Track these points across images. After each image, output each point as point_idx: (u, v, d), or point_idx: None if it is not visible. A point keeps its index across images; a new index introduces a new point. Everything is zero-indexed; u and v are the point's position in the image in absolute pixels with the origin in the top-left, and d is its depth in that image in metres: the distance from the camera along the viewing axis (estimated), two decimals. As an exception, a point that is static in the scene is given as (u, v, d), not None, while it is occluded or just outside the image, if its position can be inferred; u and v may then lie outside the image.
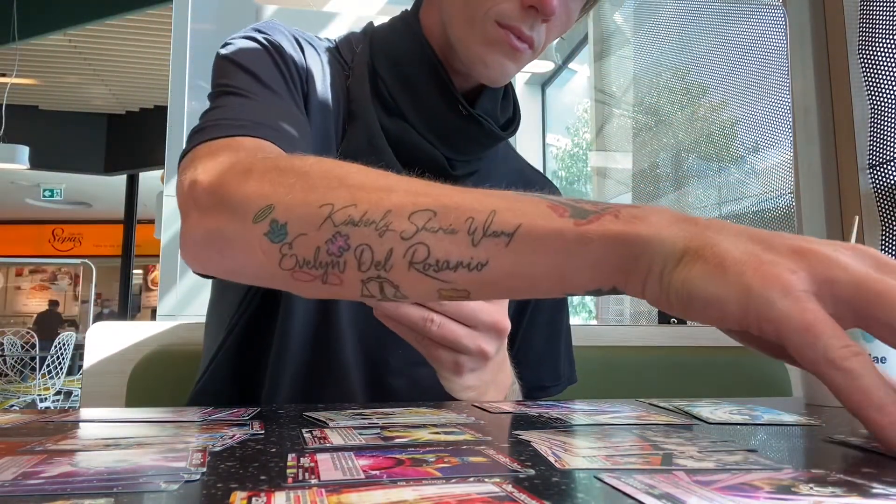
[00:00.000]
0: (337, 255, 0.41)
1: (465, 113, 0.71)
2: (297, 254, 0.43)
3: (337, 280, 0.42)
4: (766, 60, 1.95)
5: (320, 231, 0.42)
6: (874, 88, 1.56)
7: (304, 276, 0.43)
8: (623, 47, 3.12)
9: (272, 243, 0.44)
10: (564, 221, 0.39)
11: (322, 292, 0.44)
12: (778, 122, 1.89)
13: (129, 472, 0.31)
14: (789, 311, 0.33)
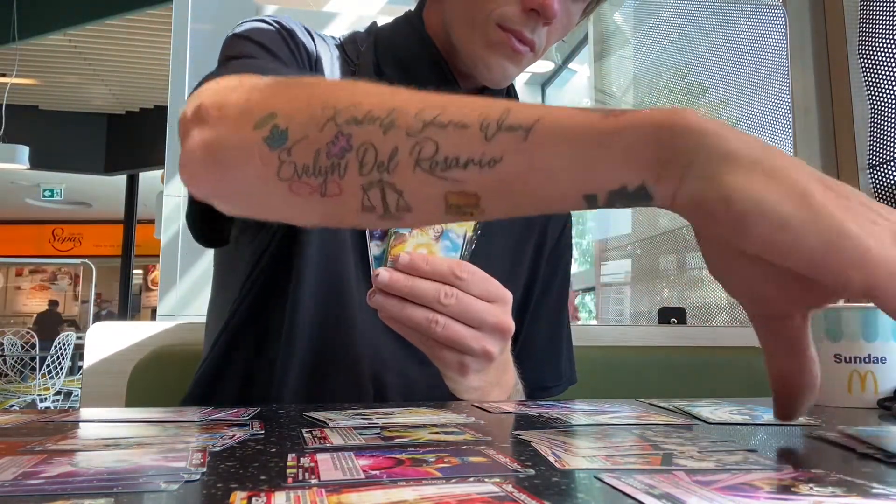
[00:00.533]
0: (339, 156, 0.39)
1: None
2: (297, 160, 0.40)
3: (336, 189, 0.39)
4: (766, 60, 1.95)
5: (322, 132, 0.40)
6: (874, 88, 1.56)
7: (302, 189, 0.41)
8: (623, 47, 3.12)
9: (271, 150, 0.41)
10: (590, 115, 0.35)
11: (319, 210, 0.42)
12: (778, 122, 1.89)
13: (129, 472, 0.31)
14: (890, 258, 0.30)
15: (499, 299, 0.57)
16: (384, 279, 0.53)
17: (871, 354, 0.65)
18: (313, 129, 0.40)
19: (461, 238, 0.57)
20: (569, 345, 0.87)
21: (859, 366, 0.65)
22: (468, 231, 0.58)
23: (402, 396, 0.71)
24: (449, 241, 0.57)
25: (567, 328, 0.87)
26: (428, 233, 0.56)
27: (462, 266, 0.55)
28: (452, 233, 0.57)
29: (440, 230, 0.57)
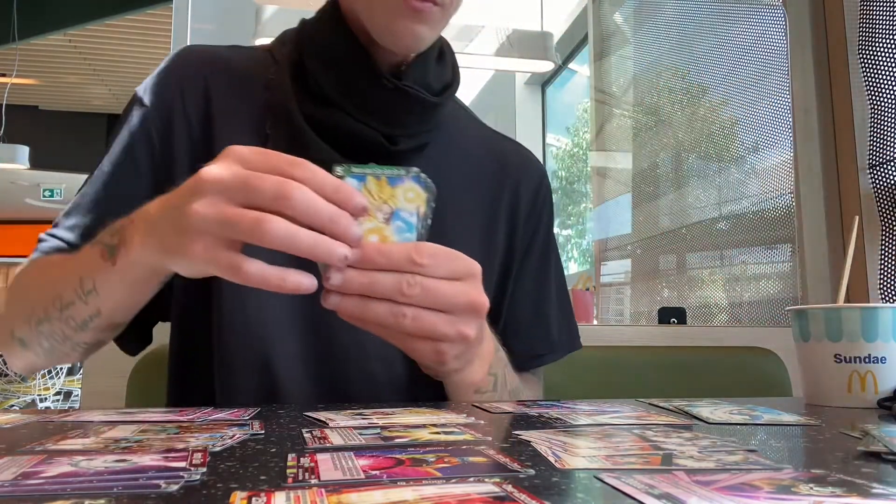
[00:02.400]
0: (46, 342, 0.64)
1: (392, 86, 0.69)
2: (35, 351, 0.66)
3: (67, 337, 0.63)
4: (766, 60, 1.95)
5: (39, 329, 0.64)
6: (874, 88, 1.56)
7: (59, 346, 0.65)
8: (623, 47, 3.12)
9: (25, 348, 0.67)
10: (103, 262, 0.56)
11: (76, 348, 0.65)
12: (778, 122, 1.89)
13: (129, 472, 0.31)
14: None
15: (467, 275, 0.55)
16: (337, 281, 0.50)
17: (871, 354, 0.65)
18: (35, 333, 0.64)
19: (414, 215, 0.52)
20: (562, 310, 0.85)
21: (859, 366, 0.65)
22: (421, 206, 0.52)
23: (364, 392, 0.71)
24: (401, 221, 0.52)
25: (557, 294, 0.85)
26: (376, 216, 0.51)
27: (420, 249, 0.51)
28: (404, 212, 0.52)
29: (389, 210, 0.52)
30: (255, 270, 0.46)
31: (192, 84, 0.73)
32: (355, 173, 0.51)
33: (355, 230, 0.48)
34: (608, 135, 3.31)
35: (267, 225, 0.45)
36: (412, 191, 0.52)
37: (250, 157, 0.48)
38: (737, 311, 2.14)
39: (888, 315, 0.65)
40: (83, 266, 0.59)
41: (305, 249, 0.46)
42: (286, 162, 0.47)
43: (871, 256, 1.51)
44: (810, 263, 1.64)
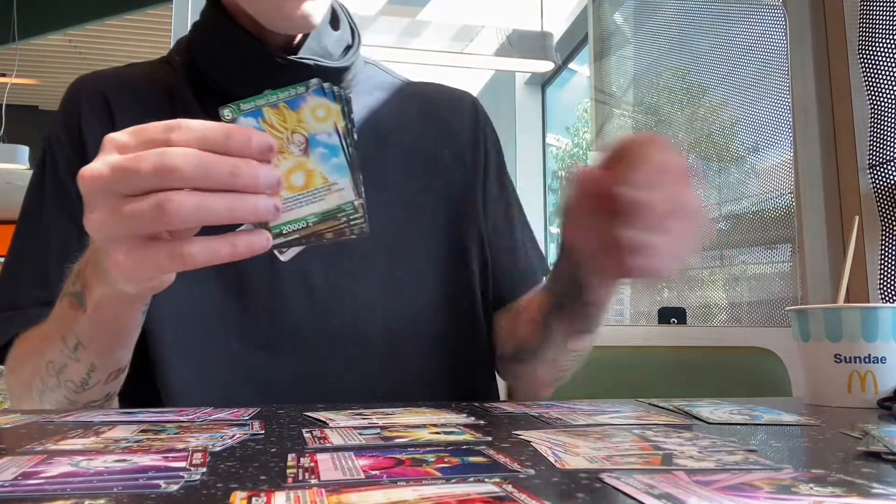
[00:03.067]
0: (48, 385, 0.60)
1: (286, 62, 0.67)
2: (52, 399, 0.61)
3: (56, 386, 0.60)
4: (766, 60, 1.95)
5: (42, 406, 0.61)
6: (874, 88, 1.56)
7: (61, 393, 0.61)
8: (623, 47, 3.12)
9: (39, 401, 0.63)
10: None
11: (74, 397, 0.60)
12: (778, 122, 1.89)
13: (129, 472, 0.31)
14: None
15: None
16: None
17: (870, 354, 0.65)
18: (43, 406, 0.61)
19: (334, 135, 0.45)
20: (529, 234, 0.85)
21: (859, 366, 0.65)
22: (338, 122, 0.45)
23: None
24: (322, 146, 0.45)
25: (521, 216, 0.85)
26: (291, 151, 0.45)
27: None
28: (320, 135, 0.45)
29: (303, 139, 0.45)
30: (200, 249, 0.42)
31: (94, 109, 0.71)
32: (247, 110, 0.44)
33: (268, 173, 0.42)
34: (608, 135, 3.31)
35: (168, 205, 0.39)
36: (321, 107, 0.45)
37: (124, 140, 0.42)
38: (737, 311, 2.14)
39: (888, 315, 0.65)
40: (61, 323, 0.56)
41: (225, 214, 0.41)
42: (161, 129, 0.42)
43: (871, 256, 1.51)
44: (810, 263, 1.64)
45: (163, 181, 0.40)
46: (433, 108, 0.82)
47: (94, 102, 0.72)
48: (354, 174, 0.46)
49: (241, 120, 0.44)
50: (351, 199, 0.46)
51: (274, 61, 0.67)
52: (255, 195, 0.41)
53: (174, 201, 0.39)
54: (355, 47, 0.75)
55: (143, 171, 0.40)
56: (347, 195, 0.45)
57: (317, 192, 0.45)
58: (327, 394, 0.67)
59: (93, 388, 0.58)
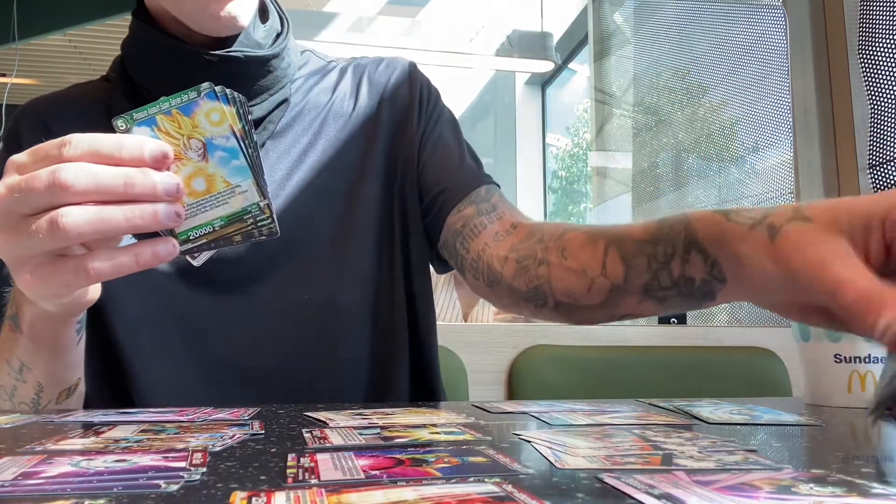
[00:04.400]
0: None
1: (216, 59, 0.66)
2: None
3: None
4: (766, 60, 1.95)
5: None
6: (874, 88, 1.56)
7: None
8: (623, 47, 3.12)
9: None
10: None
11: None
12: (778, 122, 1.89)
13: (129, 472, 0.31)
14: None
15: None
16: None
17: (871, 354, 0.65)
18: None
19: (231, 137, 0.45)
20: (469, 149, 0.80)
21: (859, 366, 0.65)
22: (234, 124, 0.44)
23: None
24: (220, 150, 0.45)
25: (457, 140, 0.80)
26: (190, 157, 0.44)
27: None
28: (217, 138, 0.44)
29: (200, 144, 0.44)
30: (103, 263, 0.42)
31: (35, 137, 0.71)
32: (140, 119, 0.44)
33: (165, 180, 0.42)
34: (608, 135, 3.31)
35: (61, 220, 0.39)
36: (215, 111, 0.45)
37: (23, 161, 0.42)
38: (737, 311, 2.14)
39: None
40: (4, 347, 0.56)
41: (124, 225, 0.41)
42: (55, 146, 0.42)
43: (871, 256, 1.51)
44: (810, 263, 1.63)
45: (57, 198, 0.40)
46: (367, 75, 0.81)
47: (34, 124, 0.72)
48: (257, 175, 0.46)
49: (136, 129, 0.44)
50: (256, 201, 0.46)
51: (202, 59, 0.66)
52: (154, 203, 0.41)
53: (69, 216, 0.40)
54: (284, 34, 0.74)
55: (36, 190, 0.40)
56: (251, 197, 0.46)
57: (220, 196, 0.45)
58: (300, 378, 0.69)
59: (46, 407, 0.59)
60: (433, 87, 0.82)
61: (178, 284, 0.68)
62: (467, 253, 0.69)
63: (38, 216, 0.40)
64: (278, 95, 0.72)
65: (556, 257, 0.59)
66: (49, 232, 0.40)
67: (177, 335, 0.68)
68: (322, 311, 0.70)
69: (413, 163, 0.77)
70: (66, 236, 0.40)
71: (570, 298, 0.58)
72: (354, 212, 0.74)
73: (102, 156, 0.41)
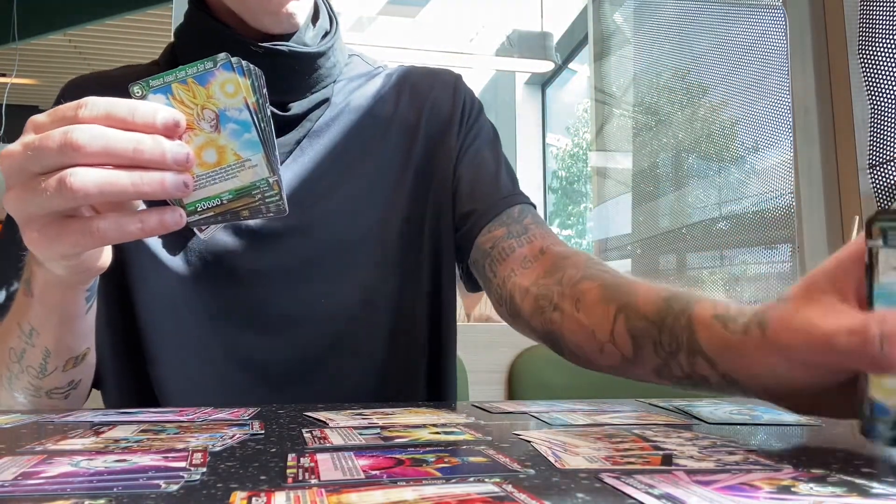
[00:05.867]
0: (25, 400, 0.61)
1: (262, 50, 0.66)
2: (23, 411, 0.57)
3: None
4: (766, 60, 1.95)
5: (10, 396, 0.61)
6: (874, 88, 1.56)
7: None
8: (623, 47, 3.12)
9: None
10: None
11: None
12: (778, 122, 1.89)
13: (129, 472, 0.31)
14: None
15: None
16: None
17: (871, 354, 0.65)
18: (11, 396, 0.60)
19: (245, 110, 0.44)
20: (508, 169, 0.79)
21: (859, 366, 0.65)
22: (248, 97, 0.44)
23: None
24: (233, 122, 0.44)
25: (497, 158, 0.79)
26: (203, 128, 0.44)
27: None
28: (230, 110, 0.44)
29: (213, 115, 0.44)
30: (109, 225, 0.42)
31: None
32: (156, 86, 0.44)
33: (174, 148, 0.42)
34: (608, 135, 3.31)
35: (70, 178, 0.40)
36: (230, 82, 0.44)
37: (41, 120, 0.43)
38: (737, 311, 2.14)
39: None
40: (18, 311, 0.57)
41: (130, 190, 0.41)
42: (72, 107, 0.42)
43: (871, 256, 1.51)
44: (810, 263, 1.64)
45: (68, 158, 0.40)
46: (411, 84, 0.81)
47: (78, 96, 0.73)
48: (268, 151, 0.45)
49: (151, 96, 0.44)
50: (265, 177, 0.45)
51: (248, 48, 0.67)
52: (162, 171, 0.42)
53: (76, 176, 0.40)
54: (332, 33, 0.74)
55: (49, 149, 0.41)
56: (261, 172, 0.45)
57: (230, 169, 0.45)
58: (318, 376, 0.70)
59: (51, 374, 0.59)
60: (476, 101, 0.83)
61: (206, 275, 0.69)
62: (494, 277, 0.70)
63: (48, 175, 0.41)
64: (319, 94, 0.73)
65: (570, 307, 0.58)
66: (57, 190, 0.40)
67: (198, 326, 0.69)
68: (350, 313, 0.71)
69: (449, 176, 0.77)
70: (72, 196, 0.40)
71: (582, 354, 0.58)
72: (389, 218, 0.74)
73: (116, 120, 0.41)
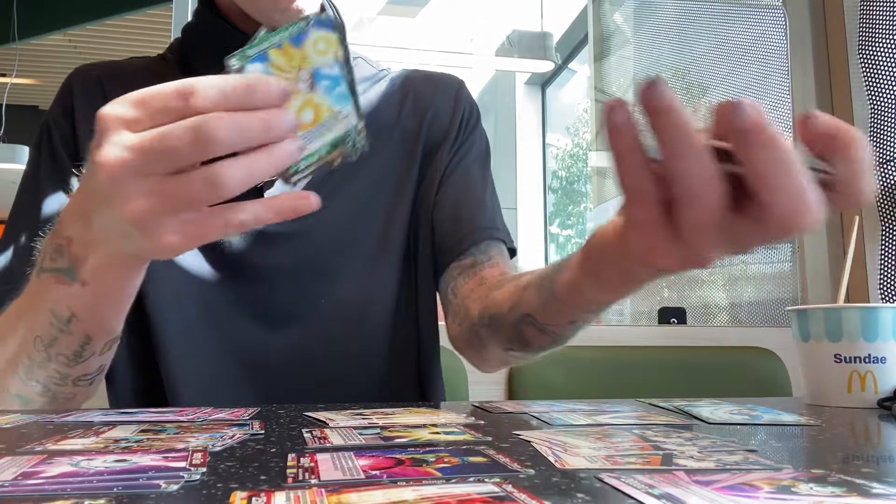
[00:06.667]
0: (45, 389, 0.57)
1: None
2: (40, 402, 0.57)
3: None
4: (766, 60, 1.95)
5: (28, 385, 0.57)
6: (874, 88, 1.56)
7: (60, 405, 0.58)
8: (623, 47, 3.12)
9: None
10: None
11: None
12: (778, 122, 1.89)
13: (129, 472, 0.31)
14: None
15: None
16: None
17: (871, 354, 0.65)
18: (29, 384, 0.57)
19: (336, 66, 0.44)
20: (495, 202, 0.80)
21: (859, 366, 0.65)
22: (337, 51, 0.44)
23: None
24: (325, 79, 0.44)
25: (486, 187, 0.80)
26: (300, 89, 0.44)
27: None
28: (323, 68, 0.44)
29: (308, 77, 0.44)
30: (247, 215, 0.41)
31: (87, 90, 0.73)
32: (253, 55, 0.43)
33: (289, 119, 0.41)
34: (608, 135, 3.30)
35: (220, 179, 0.38)
36: (321, 40, 0.44)
37: (131, 115, 0.40)
38: (737, 311, 2.14)
39: (888, 315, 0.65)
40: (44, 298, 0.53)
41: (268, 171, 0.40)
42: (174, 96, 0.40)
43: (871, 256, 1.51)
44: (810, 263, 1.64)
45: (203, 153, 0.38)
46: (415, 89, 0.82)
47: (88, 84, 0.74)
48: (355, 98, 0.45)
49: (249, 67, 0.43)
50: (355, 124, 0.46)
51: None
52: (283, 143, 0.41)
53: (228, 168, 0.38)
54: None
55: (179, 148, 0.38)
56: (352, 120, 0.45)
57: (325, 125, 0.45)
58: (318, 372, 0.71)
59: (87, 360, 0.56)
60: (476, 111, 0.84)
61: (212, 270, 0.70)
62: (455, 298, 0.74)
63: (179, 176, 0.39)
64: None
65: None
66: (206, 191, 0.39)
67: (202, 318, 0.70)
68: (348, 314, 0.73)
69: (435, 186, 0.78)
70: (223, 193, 0.39)
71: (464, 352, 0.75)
72: (391, 223, 0.76)
73: (234, 102, 0.39)
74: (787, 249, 1.88)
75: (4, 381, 0.59)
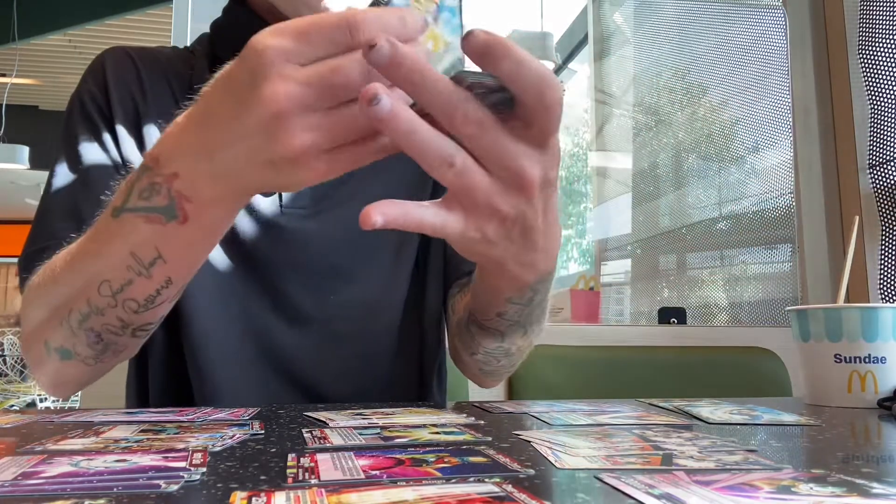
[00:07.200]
0: (97, 339, 0.54)
1: None
2: (84, 355, 0.56)
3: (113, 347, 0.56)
4: (766, 61, 1.95)
5: (77, 336, 0.54)
6: (874, 88, 1.56)
7: (107, 360, 0.57)
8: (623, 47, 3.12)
9: (64, 359, 0.57)
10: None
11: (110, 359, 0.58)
12: (778, 122, 1.89)
13: (129, 472, 0.31)
14: None
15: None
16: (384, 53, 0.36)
17: (871, 354, 0.65)
18: (80, 335, 0.54)
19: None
20: None
21: (859, 366, 0.65)
22: None
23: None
24: (446, 12, 0.44)
25: None
26: (428, 21, 0.43)
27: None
28: (445, 2, 0.44)
29: (434, 8, 0.44)
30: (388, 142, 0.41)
31: (120, 63, 0.75)
32: None
33: (429, 53, 0.42)
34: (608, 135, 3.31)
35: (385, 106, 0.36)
36: None
37: (292, 47, 0.39)
38: (737, 311, 2.14)
39: (888, 315, 0.65)
40: (127, 241, 0.49)
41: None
42: (339, 29, 0.39)
43: (871, 256, 1.51)
44: (810, 263, 1.64)
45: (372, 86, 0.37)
46: None
47: (122, 62, 0.75)
48: (463, 30, 0.45)
49: (395, 0, 0.43)
50: (459, 55, 0.45)
51: None
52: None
53: (389, 101, 0.37)
54: None
55: (352, 82, 0.38)
56: (457, 51, 0.45)
57: (438, 55, 0.45)
58: (328, 372, 0.72)
59: (158, 306, 0.53)
60: None
61: (241, 271, 0.71)
62: (454, 314, 0.74)
63: (341, 109, 0.39)
64: None
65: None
66: (379, 120, 0.37)
67: (222, 304, 0.71)
68: (358, 313, 0.74)
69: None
70: (386, 126, 0.38)
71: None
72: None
73: (390, 35, 0.38)
74: (787, 249, 1.88)
75: (43, 333, 0.57)
